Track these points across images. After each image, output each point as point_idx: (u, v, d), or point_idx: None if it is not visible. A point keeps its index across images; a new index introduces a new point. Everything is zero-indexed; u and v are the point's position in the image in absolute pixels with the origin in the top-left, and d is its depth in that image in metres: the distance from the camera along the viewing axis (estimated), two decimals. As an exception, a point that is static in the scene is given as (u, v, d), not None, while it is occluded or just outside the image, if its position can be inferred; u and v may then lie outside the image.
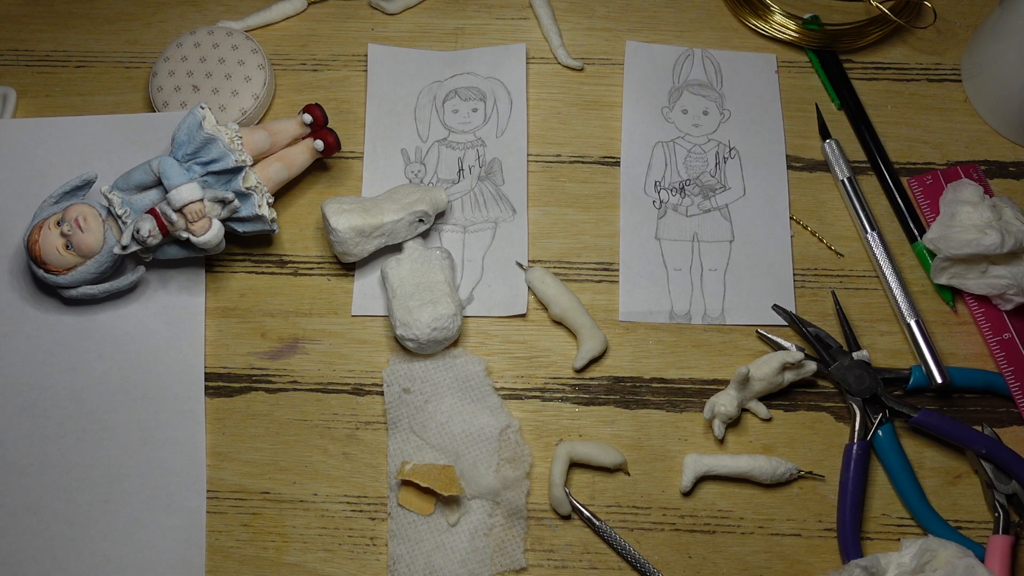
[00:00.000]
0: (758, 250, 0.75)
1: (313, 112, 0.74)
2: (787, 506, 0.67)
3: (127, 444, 0.69)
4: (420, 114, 0.79)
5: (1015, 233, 0.69)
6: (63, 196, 0.71)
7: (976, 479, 0.68)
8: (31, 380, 0.70)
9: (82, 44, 0.82)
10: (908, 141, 0.78)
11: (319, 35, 0.82)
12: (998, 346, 0.71)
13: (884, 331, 0.72)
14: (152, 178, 0.69)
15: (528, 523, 0.67)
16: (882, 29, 0.81)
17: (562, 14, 0.83)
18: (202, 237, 0.68)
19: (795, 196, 0.77)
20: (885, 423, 0.68)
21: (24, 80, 0.81)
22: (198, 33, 0.78)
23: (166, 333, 0.71)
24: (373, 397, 0.71)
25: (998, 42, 0.76)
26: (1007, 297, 0.71)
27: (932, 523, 0.66)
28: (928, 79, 0.81)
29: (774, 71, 0.81)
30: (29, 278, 0.73)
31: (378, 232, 0.71)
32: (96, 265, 0.69)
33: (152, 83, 0.77)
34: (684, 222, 0.76)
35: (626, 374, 0.71)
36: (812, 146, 0.78)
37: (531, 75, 0.81)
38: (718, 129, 0.79)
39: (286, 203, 0.76)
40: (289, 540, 0.67)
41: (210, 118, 0.70)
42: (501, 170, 0.77)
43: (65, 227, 0.68)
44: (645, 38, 0.82)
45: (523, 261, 0.74)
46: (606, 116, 0.79)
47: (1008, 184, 0.77)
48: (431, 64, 0.81)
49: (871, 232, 0.74)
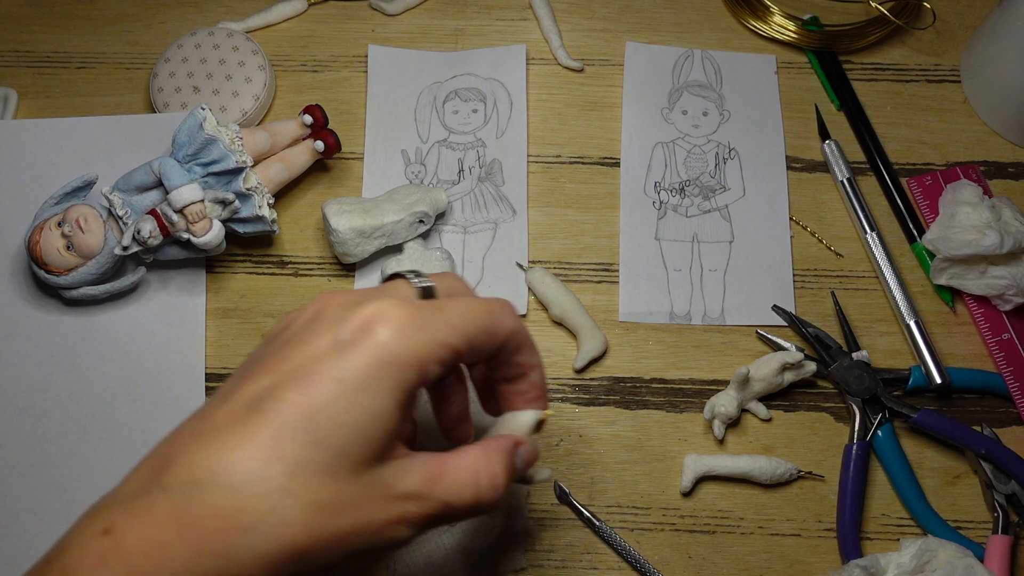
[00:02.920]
0: (758, 251, 0.75)
1: (313, 113, 0.74)
2: (787, 506, 0.68)
3: (127, 444, 0.69)
4: (420, 115, 0.79)
5: (1014, 234, 0.69)
6: (64, 197, 0.71)
7: (975, 479, 0.68)
8: (31, 380, 0.70)
9: (83, 45, 0.82)
10: (907, 142, 0.79)
11: (319, 36, 0.83)
12: (997, 346, 0.71)
13: (884, 331, 0.72)
14: (153, 179, 0.69)
15: (529, 524, 0.67)
16: (881, 30, 0.81)
17: (562, 15, 0.83)
18: (203, 238, 0.68)
19: (795, 197, 0.77)
20: (885, 423, 0.68)
21: (25, 81, 0.81)
22: (199, 34, 0.79)
23: (166, 334, 0.72)
24: (373, 397, 0.71)
25: (997, 43, 0.76)
26: (1006, 298, 0.71)
27: (932, 523, 0.66)
28: (927, 80, 0.81)
29: (774, 72, 0.81)
30: (30, 279, 0.73)
31: (378, 233, 0.71)
32: (97, 266, 0.69)
33: (153, 84, 0.78)
34: (684, 223, 0.76)
35: (626, 375, 0.71)
36: (812, 147, 0.78)
37: (531, 76, 0.81)
38: (718, 130, 0.79)
39: (286, 204, 0.76)
40: (289, 540, 0.67)
41: (211, 119, 0.70)
42: (501, 171, 0.77)
43: (66, 228, 0.68)
44: (645, 39, 0.82)
45: (523, 262, 0.74)
46: (606, 117, 0.80)
47: (1007, 185, 0.77)
48: (431, 65, 0.81)
49: (870, 233, 0.74)
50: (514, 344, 0.48)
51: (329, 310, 0.44)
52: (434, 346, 0.42)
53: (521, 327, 0.49)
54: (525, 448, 0.49)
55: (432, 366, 0.42)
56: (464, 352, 0.44)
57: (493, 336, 0.46)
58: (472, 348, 0.45)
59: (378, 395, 0.41)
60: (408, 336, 0.42)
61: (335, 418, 0.40)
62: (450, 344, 0.43)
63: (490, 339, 0.46)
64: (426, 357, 0.42)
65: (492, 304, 0.47)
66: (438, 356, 0.42)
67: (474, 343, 0.44)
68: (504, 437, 0.49)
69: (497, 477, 0.46)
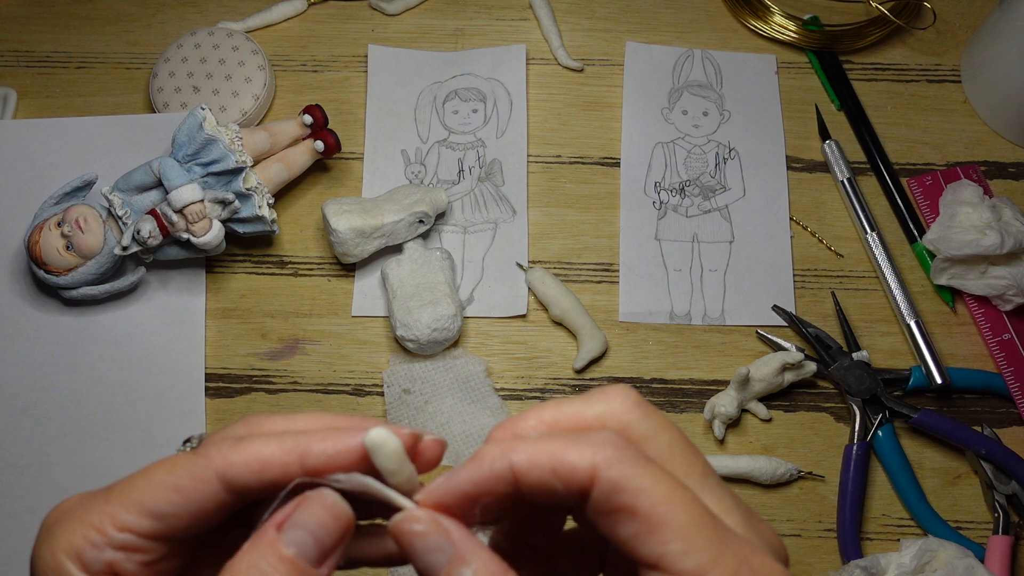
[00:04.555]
0: (758, 251, 0.75)
1: (313, 113, 0.74)
2: (787, 506, 0.67)
3: (128, 445, 0.69)
4: (420, 115, 0.79)
5: (1015, 234, 0.69)
6: (63, 197, 0.71)
7: (976, 479, 0.68)
8: (31, 381, 0.70)
9: (83, 45, 0.82)
10: (908, 142, 0.79)
11: (319, 36, 0.82)
12: (998, 347, 0.71)
13: (884, 332, 0.72)
14: (152, 179, 0.69)
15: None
16: (881, 30, 0.81)
17: (562, 15, 0.83)
18: (202, 238, 0.68)
19: (795, 197, 0.77)
20: (885, 424, 0.68)
21: (24, 81, 0.81)
22: (198, 34, 0.78)
23: (166, 334, 0.72)
24: (373, 398, 0.71)
25: (997, 43, 0.76)
26: (1007, 298, 0.71)
27: (932, 523, 0.66)
28: (928, 80, 0.81)
29: (774, 72, 0.81)
30: (29, 279, 0.73)
31: (378, 233, 0.71)
32: (96, 266, 0.69)
33: (152, 84, 0.78)
34: (684, 223, 0.76)
35: (626, 375, 0.71)
36: (812, 147, 0.78)
37: (531, 76, 0.81)
38: (718, 130, 0.79)
39: (286, 204, 0.76)
40: (289, 541, 0.67)
41: (210, 119, 0.70)
42: (501, 171, 0.77)
43: (66, 228, 0.68)
44: (645, 39, 0.82)
45: (523, 262, 0.74)
46: (606, 117, 0.79)
47: (1008, 185, 0.77)
48: (431, 65, 0.81)
49: (871, 233, 0.74)
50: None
51: None
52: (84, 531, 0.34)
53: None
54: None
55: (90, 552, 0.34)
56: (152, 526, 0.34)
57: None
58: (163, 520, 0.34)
59: None
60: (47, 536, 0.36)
61: None
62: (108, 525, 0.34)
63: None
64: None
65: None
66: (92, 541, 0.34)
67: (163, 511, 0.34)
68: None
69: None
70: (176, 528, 0.34)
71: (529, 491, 0.32)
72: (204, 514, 0.34)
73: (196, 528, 0.35)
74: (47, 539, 0.35)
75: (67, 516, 0.35)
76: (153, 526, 0.34)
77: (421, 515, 0.32)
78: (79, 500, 0.35)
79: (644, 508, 0.30)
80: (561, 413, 0.34)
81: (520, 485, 0.32)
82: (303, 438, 0.33)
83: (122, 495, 0.34)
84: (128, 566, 0.34)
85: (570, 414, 0.34)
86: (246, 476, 0.33)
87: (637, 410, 0.34)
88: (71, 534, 0.34)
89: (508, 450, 0.32)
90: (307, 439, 0.33)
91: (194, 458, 0.34)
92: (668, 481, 0.31)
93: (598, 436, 0.32)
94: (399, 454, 0.33)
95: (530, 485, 0.32)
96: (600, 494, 0.31)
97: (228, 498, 0.34)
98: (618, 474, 0.31)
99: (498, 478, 0.32)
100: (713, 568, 0.30)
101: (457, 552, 0.32)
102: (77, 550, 0.34)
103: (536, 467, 0.31)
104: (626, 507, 0.30)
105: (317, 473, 0.33)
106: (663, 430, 0.34)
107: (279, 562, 0.32)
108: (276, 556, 0.32)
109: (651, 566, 0.30)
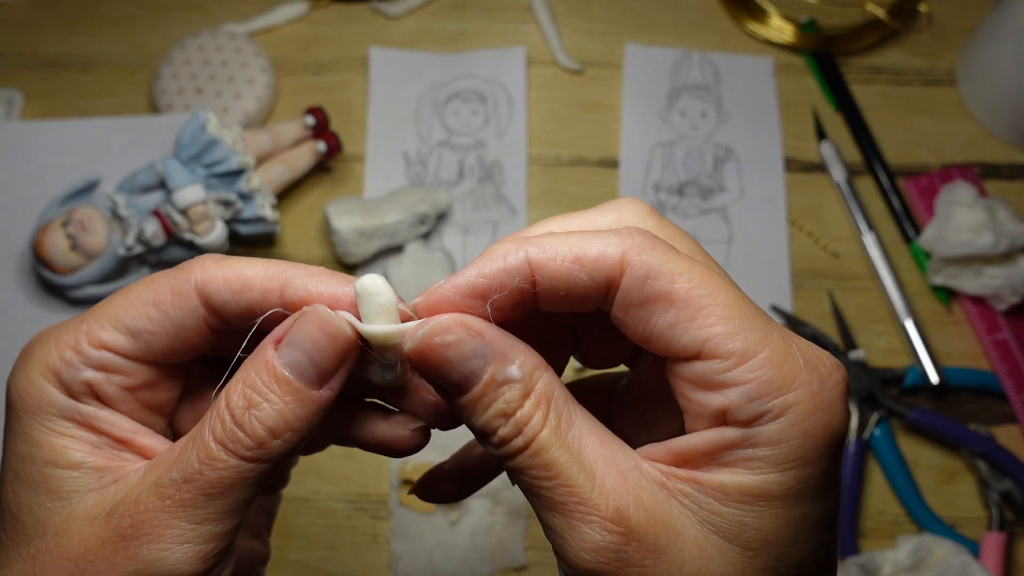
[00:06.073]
0: (756, 251, 0.75)
1: (315, 114, 0.75)
2: (784, 504, 0.68)
3: (131, 443, 0.69)
4: (421, 116, 0.80)
5: (1009, 234, 0.70)
6: (68, 198, 0.71)
7: (971, 477, 0.69)
8: (36, 380, 0.71)
9: (87, 47, 0.83)
10: (904, 143, 0.79)
11: (321, 38, 0.83)
12: (992, 346, 0.71)
13: (880, 331, 0.73)
14: (156, 180, 0.70)
15: (528, 521, 0.67)
16: (878, 33, 0.82)
17: (562, 17, 0.84)
18: (205, 238, 0.68)
19: (792, 197, 0.77)
20: (881, 422, 0.69)
21: (30, 83, 0.81)
22: (201, 36, 0.79)
23: (170, 333, 0.72)
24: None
25: (993, 46, 0.76)
26: (1001, 297, 0.71)
27: (928, 521, 0.66)
28: (924, 82, 0.81)
29: (771, 74, 0.81)
30: (35, 279, 0.73)
31: (380, 233, 0.72)
32: (101, 266, 0.69)
33: (156, 86, 0.78)
34: (682, 223, 0.76)
35: (625, 374, 0.72)
36: (809, 148, 0.79)
37: (531, 78, 0.81)
38: (716, 131, 0.79)
39: (289, 205, 0.77)
40: (292, 538, 0.68)
41: (213, 121, 0.70)
42: (501, 172, 0.78)
43: (70, 228, 0.69)
44: (644, 41, 0.83)
45: (523, 262, 0.75)
46: (605, 118, 0.80)
47: (1002, 186, 0.78)
48: (432, 67, 0.81)
49: (867, 233, 0.75)
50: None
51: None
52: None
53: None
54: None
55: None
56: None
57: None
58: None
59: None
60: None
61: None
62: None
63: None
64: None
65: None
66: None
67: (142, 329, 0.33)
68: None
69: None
70: (156, 348, 0.33)
71: (548, 286, 0.29)
72: (184, 334, 0.33)
73: (177, 352, 0.33)
74: (23, 364, 0.33)
75: (43, 339, 0.33)
76: (130, 344, 0.33)
77: (450, 322, 0.29)
78: (57, 325, 0.34)
79: (682, 292, 0.28)
80: (570, 224, 0.32)
81: (537, 281, 0.29)
82: (290, 269, 0.32)
83: (99, 312, 0.33)
84: (108, 388, 0.33)
85: (580, 224, 0.32)
86: (224, 295, 0.32)
87: (652, 217, 0.32)
88: (47, 355, 0.33)
89: (523, 244, 0.29)
90: (293, 270, 0.32)
91: (174, 272, 0.33)
92: (702, 267, 0.29)
93: (622, 228, 0.30)
94: (391, 306, 0.30)
95: (549, 278, 0.29)
96: (632, 282, 0.29)
97: (208, 319, 0.32)
98: (651, 259, 0.29)
99: (512, 271, 0.29)
100: (762, 347, 0.28)
101: (496, 351, 0.29)
102: (54, 369, 0.33)
103: (557, 257, 0.29)
104: (662, 294, 0.28)
105: (295, 308, 0.31)
106: (681, 237, 0.31)
107: (274, 382, 0.30)
108: (271, 375, 0.30)
109: (692, 356, 0.28)
